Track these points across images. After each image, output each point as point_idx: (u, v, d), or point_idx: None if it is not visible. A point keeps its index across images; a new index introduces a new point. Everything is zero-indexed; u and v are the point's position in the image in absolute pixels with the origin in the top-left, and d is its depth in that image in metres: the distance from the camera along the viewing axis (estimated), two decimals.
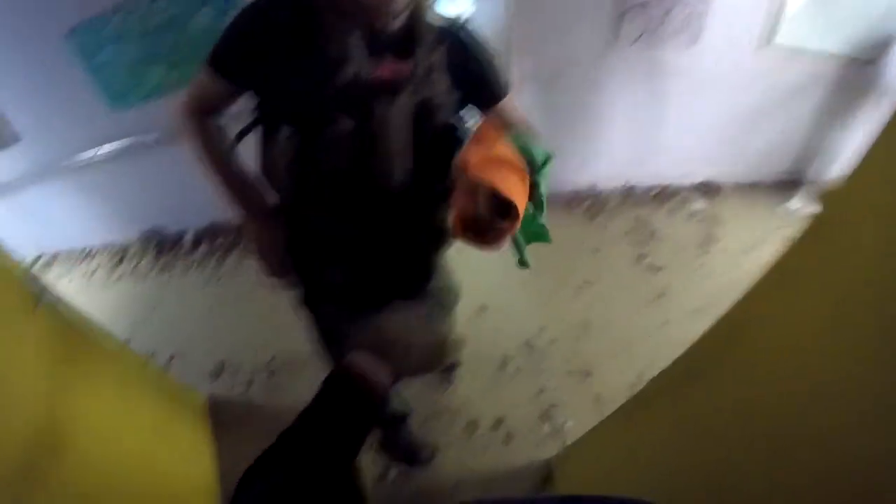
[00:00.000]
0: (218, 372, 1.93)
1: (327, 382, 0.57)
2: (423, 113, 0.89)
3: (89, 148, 2.29)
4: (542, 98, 2.19)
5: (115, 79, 2.12)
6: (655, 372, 1.85)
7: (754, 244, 2.41)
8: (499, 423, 1.73)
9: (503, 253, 0.94)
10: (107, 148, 2.26)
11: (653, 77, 2.21)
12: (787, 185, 2.80)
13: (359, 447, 0.55)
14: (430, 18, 0.86)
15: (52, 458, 1.01)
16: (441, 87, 0.90)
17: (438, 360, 0.68)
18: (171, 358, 2.03)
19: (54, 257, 2.71)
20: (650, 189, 2.62)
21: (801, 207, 2.66)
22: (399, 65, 0.85)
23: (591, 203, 2.54)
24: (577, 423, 1.73)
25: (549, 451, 1.67)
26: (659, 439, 0.98)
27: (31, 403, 1.00)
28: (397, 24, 0.82)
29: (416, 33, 0.84)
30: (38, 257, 2.73)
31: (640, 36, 2.08)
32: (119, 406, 1.32)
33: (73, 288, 2.50)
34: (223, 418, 1.81)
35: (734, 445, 0.72)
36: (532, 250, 0.88)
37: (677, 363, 0.94)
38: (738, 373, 0.74)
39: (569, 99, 2.23)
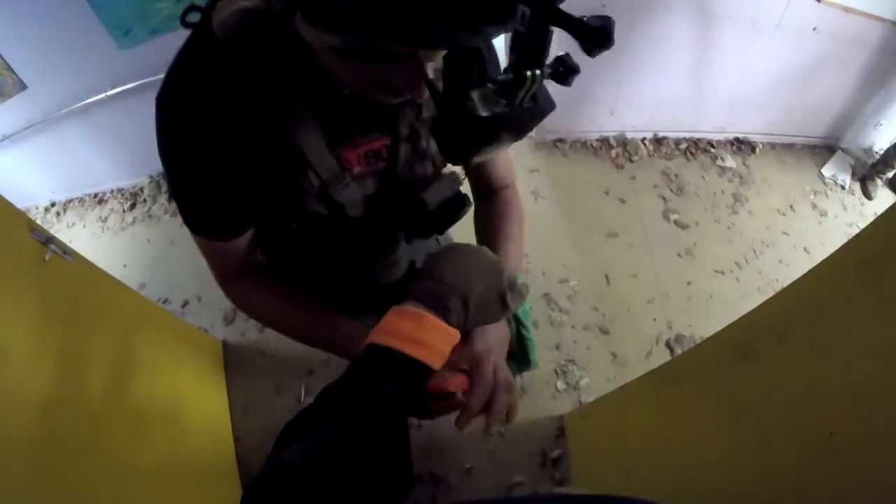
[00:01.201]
0: (231, 317, 1.92)
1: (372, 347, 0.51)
2: (416, 188, 0.71)
3: (97, 92, 2.21)
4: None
5: (119, 14, 2.01)
6: (674, 333, 1.84)
7: (784, 208, 2.31)
8: (513, 375, 1.71)
9: (525, 203, 0.87)
10: (114, 90, 2.18)
11: (696, 20, 2.04)
12: (822, 149, 2.68)
13: (412, 406, 0.53)
14: None
15: (70, 413, 1.00)
16: (434, 146, 0.68)
17: (507, 306, 0.58)
18: (185, 303, 2.03)
19: (67, 204, 2.70)
20: (681, 141, 2.48)
21: (836, 174, 2.55)
22: (371, 143, 0.64)
23: (619, 151, 2.41)
24: (592, 380, 1.71)
25: (563, 406, 1.66)
26: (692, 414, 0.93)
27: (43, 354, 0.98)
28: None
29: None
30: (52, 205, 2.72)
31: None
32: (135, 355, 1.31)
33: (87, 234, 2.49)
34: (236, 363, 1.82)
35: (782, 438, 0.66)
36: (556, 197, 0.79)
37: (725, 337, 0.85)
38: (799, 359, 0.66)
39: None
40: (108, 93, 2.19)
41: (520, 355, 0.77)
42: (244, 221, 0.67)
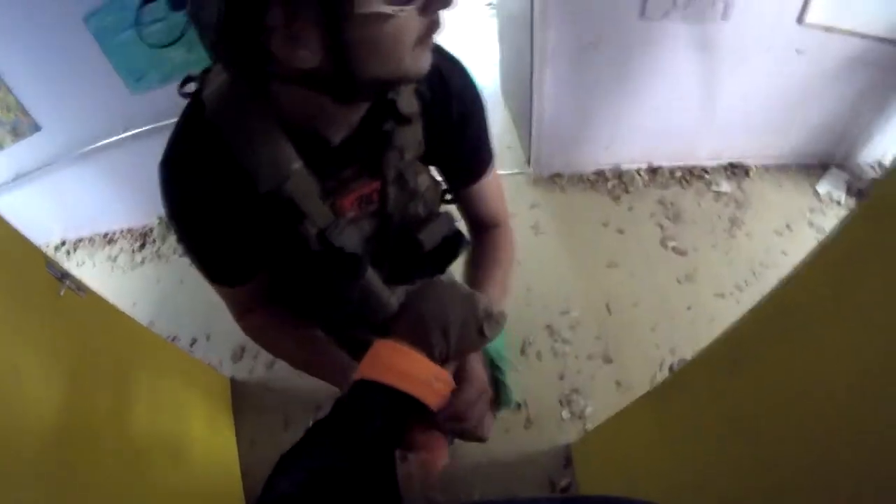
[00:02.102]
0: (239, 354, 1.95)
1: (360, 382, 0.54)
2: (408, 230, 0.74)
3: (110, 134, 2.29)
4: (568, 76, 2.12)
5: (133, 61, 2.10)
6: (677, 358, 1.85)
7: (782, 228, 2.34)
8: (519, 407, 1.72)
9: (526, 237, 0.90)
10: (127, 133, 2.26)
11: (682, 52, 2.12)
12: (817, 168, 2.71)
13: (399, 439, 0.54)
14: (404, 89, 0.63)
15: (77, 442, 1.02)
16: (423, 185, 0.72)
17: (484, 334, 0.60)
18: (194, 341, 2.06)
19: (77, 243, 2.76)
20: (676, 170, 2.53)
21: (831, 191, 2.58)
22: (362, 188, 0.67)
23: (615, 183, 2.47)
24: (597, 408, 1.71)
25: (569, 436, 1.66)
26: (691, 430, 0.94)
27: (56, 388, 1.01)
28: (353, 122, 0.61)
29: (382, 131, 0.63)
30: (62, 243, 2.78)
31: (672, 7, 1.99)
32: (143, 389, 1.34)
33: (97, 273, 2.55)
34: (244, 400, 1.84)
35: (779, 444, 0.67)
36: (555, 230, 0.82)
37: (713, 351, 0.88)
38: (786, 365, 0.68)
39: (595, 76, 2.15)
40: (120, 135, 2.27)
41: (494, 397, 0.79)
42: (254, 268, 0.72)
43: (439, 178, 0.79)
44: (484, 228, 0.86)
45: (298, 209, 0.62)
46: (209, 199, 0.60)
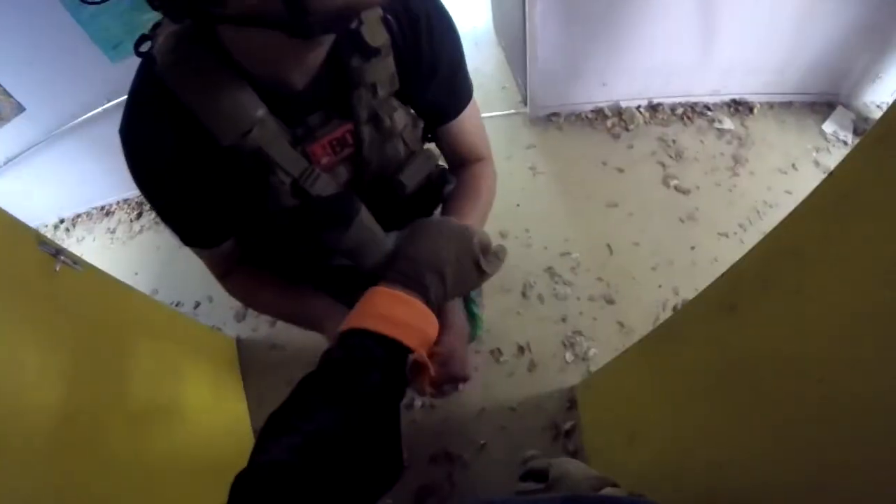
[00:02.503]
0: (242, 314, 1.97)
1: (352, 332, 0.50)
2: (388, 177, 0.70)
3: (94, 106, 2.25)
4: (562, 9, 2.02)
5: (108, 29, 2.04)
6: (680, 299, 1.83)
7: (785, 167, 2.28)
8: (522, 350, 1.73)
9: (523, 178, 0.86)
10: (110, 103, 2.22)
11: None
12: (822, 106, 2.62)
13: (401, 392, 0.51)
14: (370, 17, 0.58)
15: (84, 417, 1.02)
16: (400, 123, 0.67)
17: (483, 271, 0.57)
18: (198, 304, 2.07)
19: (75, 220, 2.75)
20: (677, 107, 2.45)
21: (837, 130, 2.51)
22: (334, 132, 0.64)
23: (615, 121, 2.39)
24: (600, 350, 1.72)
25: (573, 378, 1.67)
26: (691, 372, 0.93)
27: (58, 364, 1.01)
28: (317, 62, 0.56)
29: (350, 68, 0.59)
30: (60, 221, 2.78)
31: None
32: (149, 358, 1.34)
33: (98, 246, 2.55)
34: (251, 358, 1.86)
35: (774, 387, 0.66)
36: (554, 170, 0.77)
37: (710, 292, 0.85)
38: (781, 302, 0.66)
39: (589, 10, 2.04)
40: (104, 106, 2.24)
41: None
42: (227, 228, 0.71)
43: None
44: (465, 165, 0.82)
45: (268, 159, 0.59)
46: (171, 162, 0.58)
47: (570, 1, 2.01)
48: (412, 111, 0.71)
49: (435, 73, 0.67)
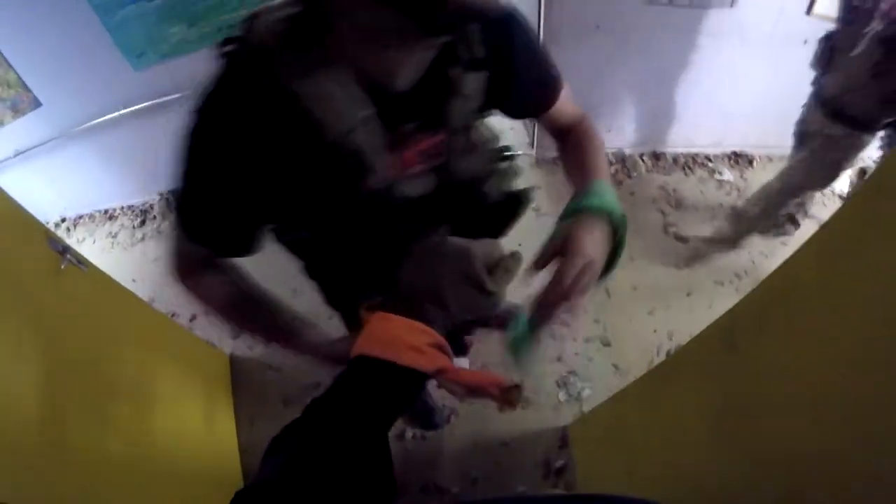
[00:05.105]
0: (238, 332, 1.95)
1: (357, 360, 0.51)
2: (472, 184, 0.71)
3: (110, 111, 2.27)
4: (573, 56, 2.10)
5: (134, 37, 2.08)
6: (675, 344, 1.85)
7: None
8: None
9: (527, 219, 0.88)
10: (127, 110, 2.24)
11: (687, 38, 2.10)
12: None
13: (393, 419, 0.51)
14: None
15: (74, 416, 1.02)
16: (486, 136, 0.70)
17: (486, 289, 0.53)
18: (193, 317, 2.06)
19: (77, 220, 2.75)
20: (679, 157, 2.53)
21: (833, 184, 2.57)
22: (426, 142, 0.63)
23: (618, 167, 2.46)
24: (594, 391, 1.73)
25: (566, 417, 1.67)
26: (687, 412, 0.95)
27: (56, 361, 1.01)
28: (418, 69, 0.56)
29: (446, 75, 0.58)
30: (62, 220, 2.78)
31: None
32: (143, 364, 1.34)
33: (97, 249, 2.54)
34: (244, 377, 1.85)
35: (771, 423, 0.68)
36: (557, 212, 0.76)
37: (710, 333, 0.89)
38: (778, 343, 0.69)
39: (601, 58, 2.13)
40: (120, 112, 2.25)
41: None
42: (248, 242, 0.65)
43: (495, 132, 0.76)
44: (568, 130, 0.81)
45: (365, 161, 0.56)
46: (244, 142, 0.53)
47: (582, 50, 2.09)
48: (491, 128, 0.74)
49: (529, 76, 0.69)
